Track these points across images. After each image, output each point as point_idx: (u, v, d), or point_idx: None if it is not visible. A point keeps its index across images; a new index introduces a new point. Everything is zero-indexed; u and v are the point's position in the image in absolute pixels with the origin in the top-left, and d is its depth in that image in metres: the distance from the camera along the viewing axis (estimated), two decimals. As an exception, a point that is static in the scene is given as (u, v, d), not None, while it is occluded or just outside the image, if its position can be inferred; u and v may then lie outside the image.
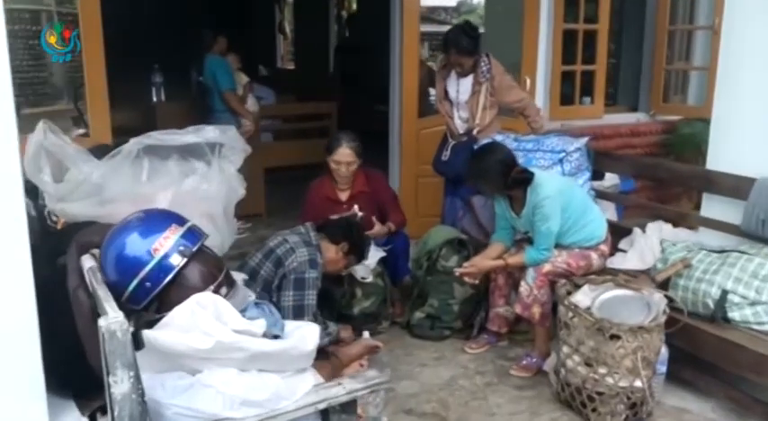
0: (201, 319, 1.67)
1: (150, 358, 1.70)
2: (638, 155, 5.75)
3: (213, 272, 1.82)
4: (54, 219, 2.42)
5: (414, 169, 5.13)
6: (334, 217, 3.55)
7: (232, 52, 5.42)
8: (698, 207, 3.68)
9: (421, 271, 3.82)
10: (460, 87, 4.15)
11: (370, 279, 3.68)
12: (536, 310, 3.27)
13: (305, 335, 1.83)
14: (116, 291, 1.76)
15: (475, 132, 4.12)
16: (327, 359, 3.18)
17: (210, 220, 2.34)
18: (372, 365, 3.31)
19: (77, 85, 4.41)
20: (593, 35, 5.61)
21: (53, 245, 2.09)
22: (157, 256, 1.73)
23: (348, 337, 3.30)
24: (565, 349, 2.99)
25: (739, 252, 3.04)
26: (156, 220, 1.80)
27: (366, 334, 3.42)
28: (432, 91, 5.17)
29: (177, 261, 1.75)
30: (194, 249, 1.78)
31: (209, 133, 2.22)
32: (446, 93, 4.26)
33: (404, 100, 5.10)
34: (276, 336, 1.80)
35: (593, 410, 2.88)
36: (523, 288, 3.29)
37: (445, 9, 17.18)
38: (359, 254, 3.38)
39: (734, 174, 3.28)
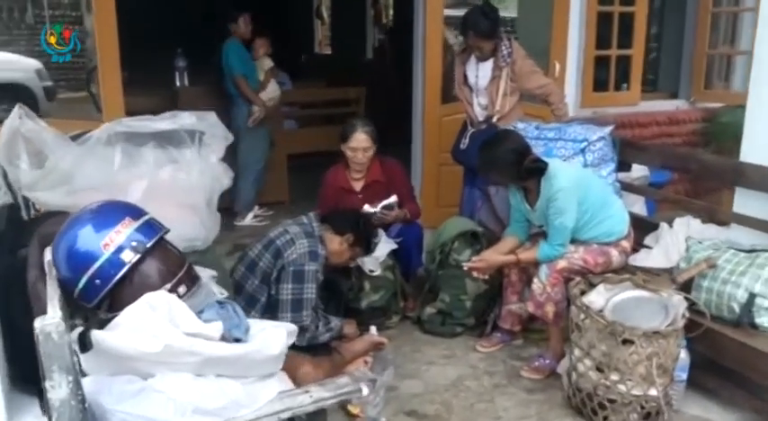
0: (151, 321, 1.56)
1: (101, 360, 1.60)
2: (675, 144, 5.48)
3: (172, 269, 1.71)
4: (37, 208, 2.35)
5: (436, 157, 4.95)
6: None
7: (261, 37, 5.31)
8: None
9: (434, 264, 3.67)
10: (480, 72, 3.96)
11: (378, 272, 3.53)
12: (549, 309, 3.09)
13: (269, 338, 1.70)
14: (68, 287, 1.66)
15: (495, 120, 3.93)
16: (329, 355, 3.08)
17: (193, 211, 2.23)
18: (377, 362, 3.19)
19: (90, 67, 4.36)
20: (630, 18, 5.34)
21: (21, 235, 2.00)
22: (108, 252, 1.62)
23: (352, 333, 3.19)
24: (576, 352, 2.81)
25: (770, 252, 2.80)
26: (109, 213, 1.68)
27: (373, 329, 3.30)
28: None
29: (129, 257, 1.63)
30: (149, 245, 1.66)
31: (184, 120, 2.10)
32: (466, 78, 4.07)
33: (426, 85, 4.92)
34: (238, 340, 1.68)
35: (605, 419, 2.70)
36: (536, 285, 3.11)
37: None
38: (365, 246, 3.25)
39: (768, 167, 3.03)
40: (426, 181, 5.05)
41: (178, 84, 5.65)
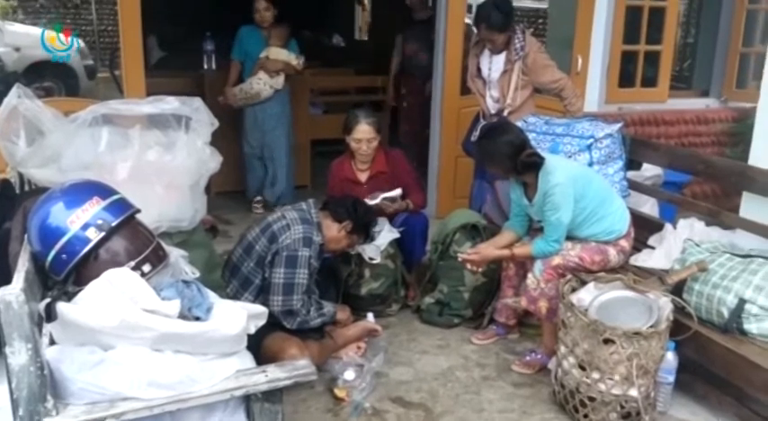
0: (110, 296, 1.63)
1: (66, 331, 1.68)
2: (702, 144, 5.37)
3: (139, 247, 1.78)
4: (33, 185, 2.45)
5: (453, 149, 4.94)
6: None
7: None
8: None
9: (435, 254, 3.70)
10: (493, 65, 3.94)
11: (378, 260, 3.58)
12: (542, 305, 3.09)
13: (228, 319, 1.76)
14: (39, 260, 1.75)
15: (506, 113, 3.92)
16: (321, 339, 3.14)
17: (179, 192, 2.30)
18: (370, 348, 3.26)
19: (113, 49, 4.46)
20: (661, 13, 5.22)
21: (11, 209, 2.10)
22: (73, 229, 1.70)
23: (345, 319, 3.23)
24: (562, 349, 2.81)
25: (765, 258, 2.74)
26: (79, 192, 1.76)
27: (370, 316, 3.35)
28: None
29: (94, 235, 1.71)
30: (114, 224, 1.73)
31: (167, 105, 2.17)
32: (479, 70, 4.06)
33: (446, 76, 4.91)
34: (198, 318, 1.75)
35: (585, 416, 2.71)
36: (530, 280, 3.11)
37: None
38: (364, 234, 3.28)
39: (775, 172, 2.96)
40: (443, 172, 5.06)
41: (205, 66, 5.74)
